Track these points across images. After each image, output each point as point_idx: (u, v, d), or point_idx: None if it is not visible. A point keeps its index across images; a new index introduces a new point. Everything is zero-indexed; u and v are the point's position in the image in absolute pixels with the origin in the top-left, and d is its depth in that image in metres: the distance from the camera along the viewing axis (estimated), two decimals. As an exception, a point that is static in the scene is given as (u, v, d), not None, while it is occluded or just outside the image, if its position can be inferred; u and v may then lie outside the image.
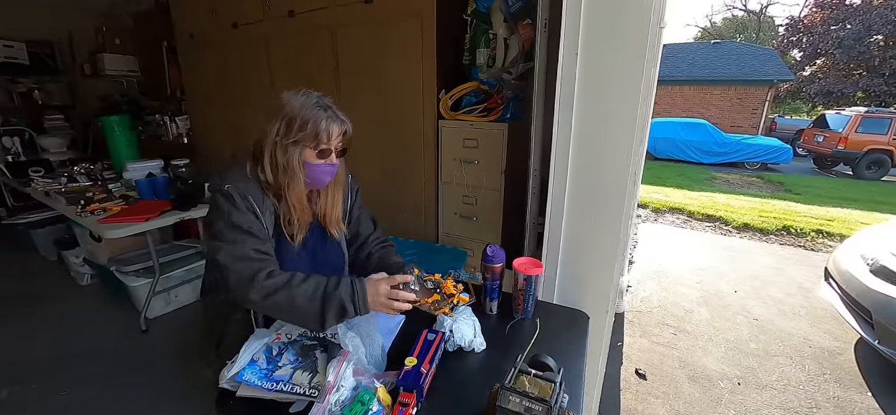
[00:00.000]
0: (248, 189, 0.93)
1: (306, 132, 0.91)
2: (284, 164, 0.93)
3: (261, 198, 0.94)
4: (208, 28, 2.56)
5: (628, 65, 1.05)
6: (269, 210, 0.96)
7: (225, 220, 0.90)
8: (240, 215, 0.91)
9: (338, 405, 0.76)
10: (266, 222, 0.94)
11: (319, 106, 0.94)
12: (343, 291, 0.89)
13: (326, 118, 0.93)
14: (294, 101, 0.93)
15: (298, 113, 0.91)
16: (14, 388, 1.93)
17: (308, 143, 0.93)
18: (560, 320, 1.22)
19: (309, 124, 0.91)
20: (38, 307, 2.64)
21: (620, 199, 1.16)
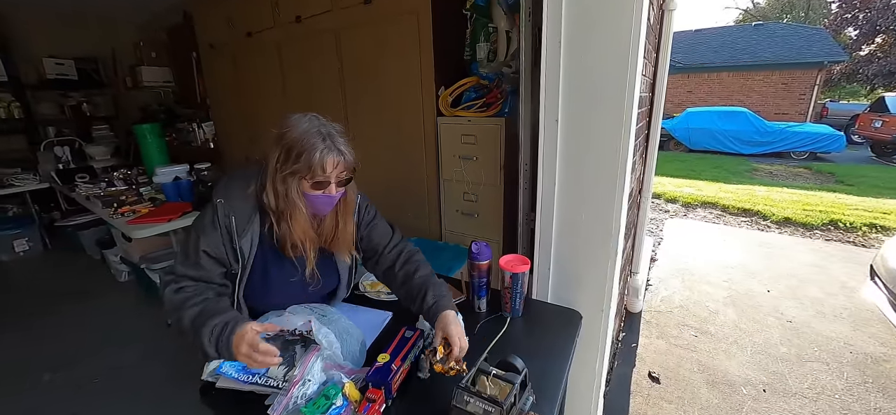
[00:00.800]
0: (236, 207, 0.92)
1: (300, 164, 0.87)
2: (284, 193, 0.91)
3: (248, 218, 0.93)
4: (226, 38, 2.69)
5: (614, 52, 1.00)
6: (253, 231, 0.94)
7: (195, 237, 0.91)
8: (209, 238, 0.90)
9: (303, 398, 0.78)
10: (241, 243, 0.92)
11: (320, 135, 0.88)
12: (206, 334, 0.80)
13: (322, 150, 0.87)
14: (295, 130, 0.89)
15: (296, 143, 0.87)
16: (56, 373, 2.12)
17: (304, 174, 0.89)
18: (550, 319, 1.18)
19: (303, 156, 0.87)
20: (84, 302, 2.87)
21: (610, 193, 1.11)
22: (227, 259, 0.93)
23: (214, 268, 0.93)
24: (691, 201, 5.05)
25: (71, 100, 4.40)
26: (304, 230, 0.95)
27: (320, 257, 1.05)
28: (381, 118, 1.99)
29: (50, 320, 2.66)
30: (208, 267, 0.91)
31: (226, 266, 0.95)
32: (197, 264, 0.90)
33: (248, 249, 0.94)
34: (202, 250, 0.90)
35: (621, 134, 1.04)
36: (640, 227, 2.25)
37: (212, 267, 0.92)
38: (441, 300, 0.95)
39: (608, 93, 1.04)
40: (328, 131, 0.91)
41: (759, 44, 10.94)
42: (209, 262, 0.91)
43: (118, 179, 3.20)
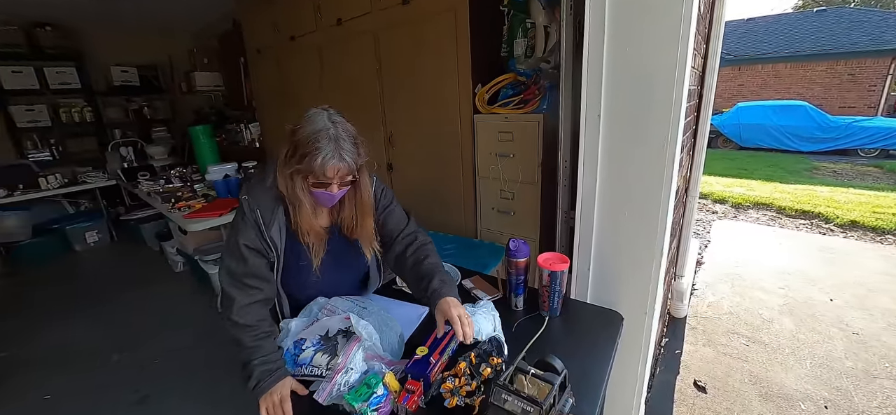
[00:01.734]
0: (260, 200, 0.97)
1: (303, 165, 0.90)
2: (291, 188, 0.95)
3: (271, 210, 0.97)
4: (271, 42, 2.82)
5: (661, 44, 0.96)
6: (280, 221, 0.98)
7: (233, 234, 0.97)
8: (245, 233, 0.95)
9: (345, 386, 0.81)
10: (271, 233, 0.97)
11: (328, 137, 0.89)
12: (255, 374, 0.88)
13: (324, 156, 0.88)
14: (305, 128, 0.91)
15: (302, 143, 0.90)
16: (123, 353, 2.32)
17: (306, 174, 0.92)
18: (590, 319, 1.15)
19: (307, 158, 0.89)
20: (145, 289, 3.13)
21: (656, 190, 1.06)
22: (264, 249, 0.98)
23: (257, 260, 0.97)
24: (742, 202, 4.73)
25: (134, 104, 4.78)
26: (308, 223, 0.98)
27: (349, 245, 1.10)
28: (418, 116, 2.01)
29: (116, 305, 2.92)
30: (252, 260, 0.96)
31: (266, 256, 0.99)
32: (242, 258, 0.95)
33: (278, 238, 0.99)
34: (242, 245, 0.95)
35: (669, 129, 0.99)
36: (686, 227, 2.14)
37: (255, 259, 0.97)
38: (444, 287, 0.96)
39: (655, 86, 0.99)
40: (337, 135, 0.91)
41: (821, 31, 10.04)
42: (251, 255, 0.96)
43: (174, 176, 3.45)
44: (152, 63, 4.83)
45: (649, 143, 1.04)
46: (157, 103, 4.98)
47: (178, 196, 2.71)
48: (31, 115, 4.10)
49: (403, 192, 2.26)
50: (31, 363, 2.30)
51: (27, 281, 3.45)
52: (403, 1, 1.84)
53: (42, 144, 4.26)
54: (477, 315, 1.06)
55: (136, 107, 4.77)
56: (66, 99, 4.32)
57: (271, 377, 0.87)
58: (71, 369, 2.23)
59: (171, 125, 5.08)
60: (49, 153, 4.28)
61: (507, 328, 1.08)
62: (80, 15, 3.97)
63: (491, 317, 1.07)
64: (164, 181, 3.29)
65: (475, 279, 1.36)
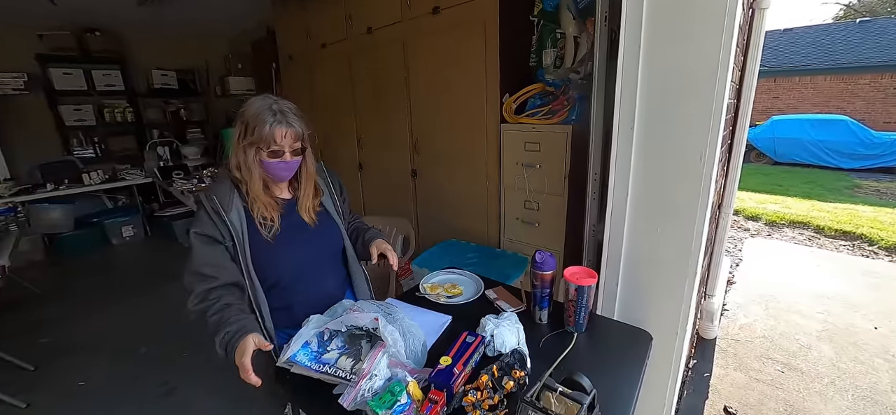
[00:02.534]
0: (216, 190, 1.05)
1: (255, 136, 1.01)
2: (244, 161, 1.04)
3: (228, 195, 1.05)
4: (303, 49, 2.91)
5: (700, 57, 0.94)
6: (237, 205, 1.05)
7: (193, 227, 1.04)
8: (202, 223, 1.03)
9: (369, 392, 0.81)
10: (230, 218, 1.03)
11: (271, 111, 1.02)
12: (219, 340, 0.94)
13: (271, 123, 1.00)
14: (251, 108, 1.03)
15: (251, 119, 1.02)
16: (151, 346, 2.41)
17: (260, 145, 1.03)
18: (617, 337, 1.12)
19: (256, 129, 1.01)
20: (173, 284, 3.24)
21: (691, 205, 1.03)
22: (219, 235, 1.03)
23: (211, 250, 1.03)
24: (777, 220, 4.53)
25: (171, 106, 5.01)
26: (256, 192, 1.06)
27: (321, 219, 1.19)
28: (444, 124, 2.03)
29: (148, 297, 3.04)
30: (203, 251, 1.02)
31: (220, 242, 1.04)
32: (193, 248, 1.02)
33: (238, 222, 1.05)
34: (194, 234, 1.03)
35: (707, 142, 0.96)
36: (719, 245, 2.06)
37: (207, 250, 1.02)
38: (375, 234, 1.25)
39: (692, 99, 0.97)
40: (280, 108, 1.03)
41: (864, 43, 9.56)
42: (202, 243, 1.02)
43: (207, 176, 3.58)
44: (190, 67, 5.05)
45: (685, 156, 1.01)
46: (193, 105, 5.20)
47: (209, 195, 2.81)
48: (78, 114, 4.35)
49: (427, 199, 2.28)
50: (70, 350, 2.42)
51: (68, 271, 3.64)
52: (434, 10, 1.87)
53: (86, 142, 4.51)
54: (501, 327, 1.05)
55: (174, 108, 4.99)
56: (110, 100, 4.57)
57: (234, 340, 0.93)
58: (104, 357, 2.33)
59: (204, 127, 5.29)
60: (92, 151, 4.52)
61: (533, 343, 1.06)
62: (127, 22, 4.21)
63: (515, 329, 1.06)
64: (197, 180, 3.42)
65: (498, 290, 1.35)
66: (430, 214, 2.29)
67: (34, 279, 3.27)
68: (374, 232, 1.28)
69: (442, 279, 1.43)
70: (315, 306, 1.19)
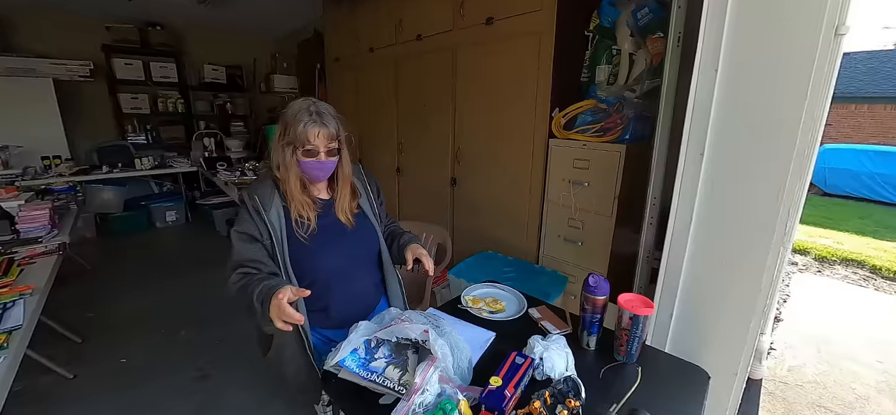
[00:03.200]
0: (258, 190, 1.09)
1: (291, 135, 1.05)
2: (282, 161, 1.07)
3: (269, 196, 1.08)
4: (350, 52, 2.97)
5: (784, 85, 0.88)
6: (277, 204, 1.08)
7: (236, 225, 1.09)
8: (244, 222, 1.07)
9: (421, 407, 0.79)
10: (270, 217, 1.07)
11: (308, 112, 1.05)
12: (256, 295, 0.97)
13: (305, 123, 1.04)
14: (290, 109, 1.07)
15: (290, 119, 1.05)
16: (190, 330, 2.49)
17: (296, 144, 1.06)
18: (671, 373, 1.06)
19: (292, 129, 1.04)
20: (211, 271, 3.36)
21: (765, 244, 0.97)
22: (257, 234, 1.06)
23: (250, 247, 1.06)
24: (828, 255, 4.25)
25: (219, 100, 5.24)
26: (292, 190, 1.08)
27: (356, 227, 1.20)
28: (489, 135, 2.01)
29: (187, 281, 3.16)
30: (242, 248, 1.05)
31: (258, 240, 1.07)
32: (232, 247, 1.06)
33: (276, 221, 1.08)
34: (235, 232, 1.07)
35: (787, 178, 0.90)
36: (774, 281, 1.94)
37: (246, 247, 1.06)
38: (410, 238, 1.24)
39: (771, 131, 0.91)
40: (317, 109, 1.07)
41: (934, 73, 8.89)
42: (242, 241, 1.06)
43: (249, 169, 3.70)
44: (238, 63, 5.27)
45: (761, 190, 0.95)
46: (238, 100, 5.42)
47: (252, 188, 2.90)
48: (134, 102, 4.62)
49: (466, 208, 2.26)
50: (113, 326, 2.53)
51: (115, 250, 3.84)
52: (487, 21, 1.86)
53: (140, 129, 4.78)
54: (549, 350, 1.01)
55: (221, 102, 5.22)
56: (164, 91, 4.83)
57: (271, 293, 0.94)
58: (144, 336, 2.43)
59: (247, 121, 5.50)
60: (144, 138, 4.78)
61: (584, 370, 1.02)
62: (186, 18, 4.45)
63: (563, 354, 1.02)
64: (239, 173, 3.54)
65: (542, 310, 1.31)
66: (466, 223, 2.28)
67: (85, 255, 3.47)
68: (410, 236, 1.28)
69: (483, 293, 1.40)
70: (350, 308, 1.20)
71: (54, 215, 2.12)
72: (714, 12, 0.93)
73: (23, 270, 1.62)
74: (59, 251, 1.86)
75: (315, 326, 1.16)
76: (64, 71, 4.16)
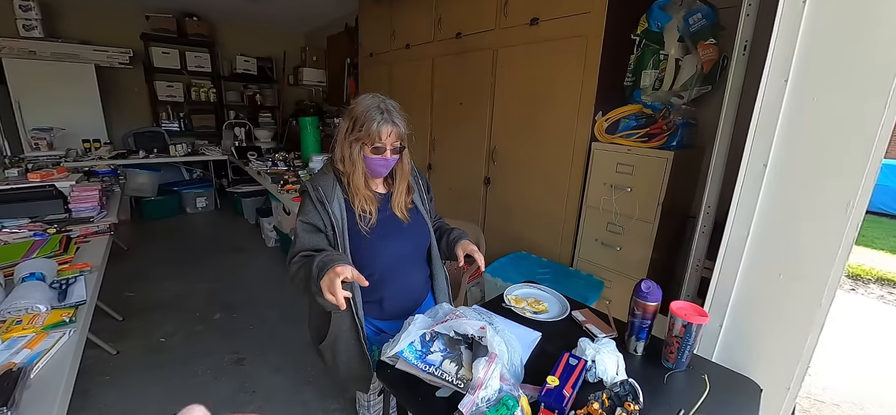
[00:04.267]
0: (321, 182, 1.11)
1: (362, 132, 1.06)
2: (349, 155, 1.09)
3: (331, 188, 1.11)
4: (385, 48, 3.00)
5: (859, 97, 0.86)
6: (338, 197, 1.11)
7: (300, 215, 1.11)
8: (308, 212, 1.10)
9: (484, 402, 0.81)
10: (332, 208, 1.09)
11: (379, 109, 1.06)
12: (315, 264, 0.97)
13: (379, 121, 1.05)
14: (360, 105, 1.08)
15: (360, 115, 1.07)
16: (223, 312, 2.57)
17: (365, 141, 1.07)
18: (721, 384, 1.05)
19: (364, 126, 1.05)
20: (241, 256, 3.46)
21: (828, 259, 0.95)
22: (321, 224, 1.09)
23: (313, 237, 1.09)
24: (862, 274, 4.12)
25: (249, 90, 5.35)
26: (358, 185, 1.11)
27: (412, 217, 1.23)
28: (528, 136, 2.01)
29: (219, 266, 3.25)
30: (305, 237, 1.08)
31: (323, 231, 1.10)
32: (297, 236, 1.09)
33: (339, 213, 1.10)
34: (300, 222, 1.10)
35: (858, 193, 0.89)
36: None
37: (309, 236, 1.09)
38: (459, 234, 1.27)
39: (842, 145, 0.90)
40: (387, 107, 1.08)
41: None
42: (306, 231, 1.09)
43: (279, 160, 3.78)
44: (269, 55, 5.37)
45: (827, 203, 0.93)
46: (267, 91, 5.53)
47: (285, 179, 2.96)
48: (169, 90, 4.76)
49: (498, 207, 2.27)
50: (151, 306, 2.63)
51: (150, 232, 3.98)
52: (532, 21, 1.86)
53: (173, 116, 4.92)
54: (601, 353, 1.02)
55: (251, 93, 5.33)
56: (197, 80, 4.96)
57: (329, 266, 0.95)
58: (181, 317, 2.51)
59: (275, 112, 5.60)
60: (177, 125, 4.93)
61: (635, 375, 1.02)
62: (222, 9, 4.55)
63: (614, 357, 1.02)
64: (270, 163, 3.62)
65: (585, 313, 1.31)
66: (498, 223, 2.28)
67: (121, 237, 3.60)
68: (459, 232, 1.30)
69: (525, 293, 1.41)
70: (403, 301, 1.23)
71: (103, 197, 2.21)
72: (787, 20, 0.92)
73: (79, 248, 1.70)
74: (110, 231, 1.94)
75: (368, 316, 1.19)
76: (104, 57, 4.31)
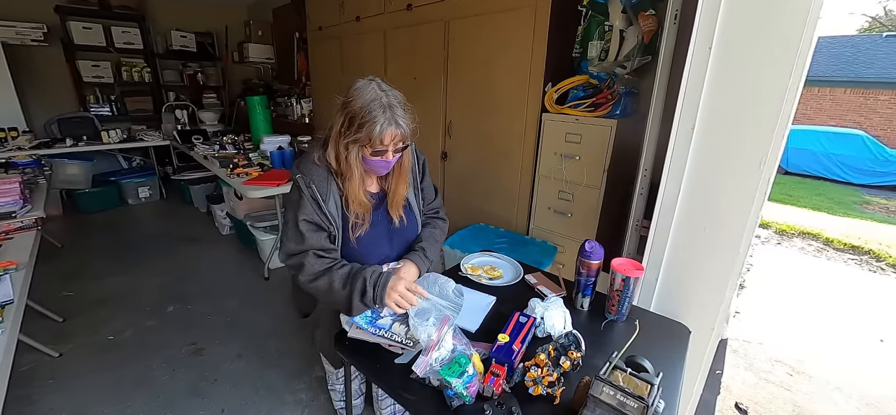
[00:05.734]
0: (313, 176, 0.99)
1: (362, 134, 0.93)
2: (345, 158, 0.98)
3: (325, 184, 1.00)
4: (335, 21, 2.88)
5: (772, 65, 0.95)
6: (333, 194, 1.02)
7: (294, 212, 1.00)
8: (307, 211, 0.98)
9: (437, 362, 0.85)
10: (328, 208, 1.00)
11: (381, 106, 0.92)
12: (369, 276, 0.95)
13: (382, 122, 0.92)
14: (359, 99, 0.94)
15: (359, 113, 0.93)
16: (176, 305, 2.46)
17: (364, 143, 0.95)
18: (657, 328, 1.16)
19: (364, 127, 0.92)
20: (193, 247, 3.28)
21: (744, 213, 1.06)
22: (323, 223, 1.00)
23: (318, 235, 0.99)
24: (787, 229, 4.58)
25: (189, 69, 4.97)
26: (354, 193, 1.01)
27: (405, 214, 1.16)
28: (481, 109, 2.03)
29: (169, 258, 3.08)
30: (311, 236, 0.98)
31: (325, 230, 1.01)
32: (302, 237, 0.98)
33: (335, 211, 1.02)
34: (302, 220, 0.98)
35: (769, 149, 0.98)
36: (742, 249, 2.10)
37: (314, 235, 0.99)
38: (414, 253, 1.13)
39: (757, 107, 0.99)
40: (389, 103, 0.94)
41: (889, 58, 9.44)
42: (309, 230, 0.98)
43: (227, 143, 3.58)
44: (209, 30, 4.99)
45: (744, 161, 1.03)
46: (210, 70, 5.16)
47: (234, 163, 2.82)
48: (96, 71, 4.32)
49: (456, 181, 2.30)
50: (95, 304, 2.46)
51: (86, 227, 3.68)
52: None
53: (103, 99, 4.49)
54: (549, 311, 1.09)
55: (191, 72, 4.95)
56: (128, 58, 4.53)
57: (383, 276, 0.95)
58: (130, 313, 2.38)
59: (220, 93, 5.26)
60: (109, 109, 4.51)
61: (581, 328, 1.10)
62: (149, -21, 4.15)
63: (561, 313, 1.10)
64: (218, 147, 3.42)
65: (538, 276, 1.38)
66: (457, 196, 2.32)
67: (53, 233, 3.31)
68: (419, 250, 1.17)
69: (481, 261, 1.46)
70: None
71: (25, 189, 2.02)
72: (711, -7, 0.98)
73: (1, 247, 1.55)
74: (37, 226, 1.78)
75: None
76: (13, 34, 3.83)
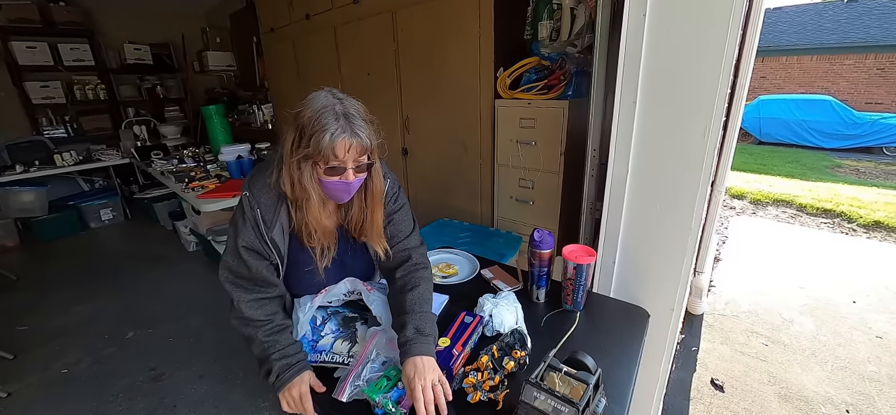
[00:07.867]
0: (261, 198, 0.86)
1: (311, 148, 0.78)
2: (298, 179, 0.82)
3: (273, 209, 0.86)
4: (285, 20, 2.77)
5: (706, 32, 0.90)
6: (282, 222, 0.88)
7: (232, 233, 0.88)
8: (243, 234, 0.86)
9: (363, 380, 0.78)
10: (273, 235, 0.87)
11: (333, 114, 0.78)
12: (274, 369, 0.84)
13: (333, 132, 0.77)
14: (308, 109, 0.79)
15: (309, 123, 0.78)
16: (139, 330, 2.34)
17: (316, 159, 0.80)
18: (615, 315, 1.12)
19: (313, 138, 0.78)
20: (160, 268, 3.16)
21: (693, 186, 1.01)
22: (264, 251, 0.88)
23: (257, 262, 0.87)
24: (761, 198, 4.62)
25: (147, 83, 4.77)
26: (316, 219, 0.86)
27: (356, 246, 1.00)
28: (436, 100, 1.96)
29: (132, 282, 2.95)
30: (250, 263, 0.87)
31: (266, 258, 0.89)
32: (241, 261, 0.87)
33: (281, 241, 0.88)
34: (241, 247, 0.86)
35: (711, 118, 0.94)
36: (710, 223, 2.08)
37: (254, 262, 0.87)
38: (417, 342, 0.81)
39: (697, 75, 0.94)
40: (344, 111, 0.79)
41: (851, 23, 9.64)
42: (250, 257, 0.87)
43: (187, 156, 3.45)
44: (165, 41, 4.79)
45: (688, 132, 0.98)
46: (170, 82, 4.97)
47: (191, 176, 2.70)
48: (46, 91, 4.10)
49: (419, 178, 2.23)
50: (50, 337, 2.33)
51: (44, 256, 3.51)
52: (424, -21, 1.78)
53: (57, 121, 4.28)
54: (499, 307, 1.03)
55: (149, 85, 4.76)
56: (79, 76, 4.31)
57: (290, 371, 0.83)
58: (88, 343, 2.26)
59: (183, 104, 5.07)
60: (64, 130, 4.30)
61: (533, 322, 1.05)
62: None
63: (513, 309, 1.04)
64: (177, 161, 3.29)
65: (494, 270, 1.33)
66: (421, 194, 2.25)
67: (8, 266, 3.14)
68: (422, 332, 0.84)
69: (435, 260, 1.40)
70: None
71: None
72: (639, -42, 0.93)
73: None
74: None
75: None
76: (-49, 58, 3.62)
